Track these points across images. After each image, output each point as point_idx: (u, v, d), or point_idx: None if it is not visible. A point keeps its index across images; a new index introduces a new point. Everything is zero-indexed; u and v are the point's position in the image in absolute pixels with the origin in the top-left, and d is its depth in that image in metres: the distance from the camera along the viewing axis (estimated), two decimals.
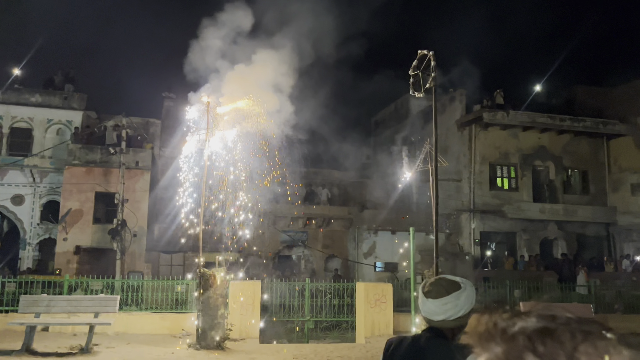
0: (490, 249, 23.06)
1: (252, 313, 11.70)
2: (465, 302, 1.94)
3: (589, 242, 23.91)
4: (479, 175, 23.00)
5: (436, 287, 1.99)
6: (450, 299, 1.93)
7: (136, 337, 10.92)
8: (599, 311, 14.08)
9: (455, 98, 24.01)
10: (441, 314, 1.94)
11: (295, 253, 23.34)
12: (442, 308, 1.94)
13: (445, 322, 1.94)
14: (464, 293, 1.95)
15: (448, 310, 1.93)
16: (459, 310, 1.92)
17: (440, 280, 2.02)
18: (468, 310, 1.93)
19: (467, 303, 1.94)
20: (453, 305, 1.93)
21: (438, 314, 1.95)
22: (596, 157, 24.58)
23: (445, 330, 1.96)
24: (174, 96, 23.33)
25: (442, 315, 1.94)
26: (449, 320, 1.93)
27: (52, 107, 21.87)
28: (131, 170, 19.78)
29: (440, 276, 2.07)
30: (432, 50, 6.72)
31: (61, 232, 19.69)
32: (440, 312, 1.94)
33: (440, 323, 1.95)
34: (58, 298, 10.42)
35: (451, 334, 1.95)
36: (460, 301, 1.93)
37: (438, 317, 1.95)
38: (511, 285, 14.43)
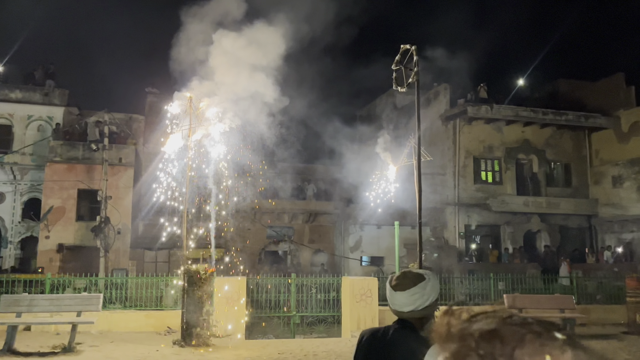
0: (475, 242, 23.28)
1: (237, 309, 11.66)
2: (431, 292, 2.06)
3: (572, 234, 24.26)
4: (463, 169, 23.16)
5: (403, 280, 2.10)
6: (417, 290, 2.04)
7: (120, 335, 10.83)
8: (581, 302, 14.32)
9: (440, 92, 24.12)
10: (410, 304, 2.05)
11: (281, 248, 23.33)
12: (410, 299, 2.04)
13: (413, 312, 2.05)
14: (429, 283, 2.07)
15: (416, 301, 2.04)
16: (426, 300, 2.05)
17: (405, 273, 2.14)
18: (434, 299, 2.07)
19: (432, 293, 2.06)
20: (420, 296, 2.04)
21: (407, 305, 2.05)
22: (578, 150, 24.91)
23: (413, 321, 2.07)
24: (157, 91, 23.08)
25: (410, 306, 2.05)
26: (417, 311, 2.05)
27: (33, 103, 21.50)
28: (114, 166, 19.55)
29: (405, 270, 2.19)
30: (414, 45, 6.73)
31: (43, 230, 19.41)
32: (409, 303, 2.05)
33: (409, 314, 2.06)
34: (40, 297, 10.27)
35: (419, 325, 2.07)
36: (427, 291, 2.05)
37: (407, 308, 2.05)
38: (495, 277, 14.57)
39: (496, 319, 0.68)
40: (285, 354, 9.41)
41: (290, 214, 22.73)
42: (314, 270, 21.14)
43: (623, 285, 13.26)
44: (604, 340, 11.16)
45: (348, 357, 9.17)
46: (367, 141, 27.10)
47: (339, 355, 9.30)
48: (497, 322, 0.67)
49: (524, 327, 0.66)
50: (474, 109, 22.71)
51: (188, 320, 9.87)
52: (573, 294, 13.67)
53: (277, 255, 23.47)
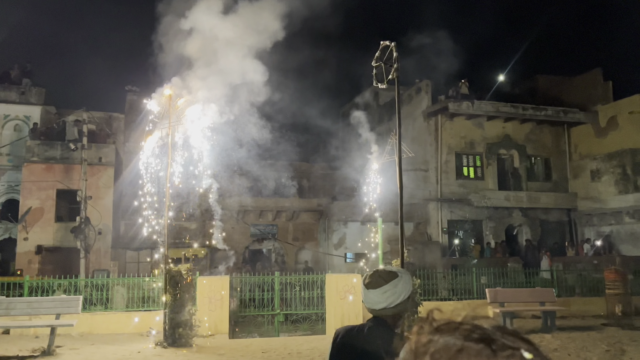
0: (457, 237, 23.48)
1: (220, 308, 11.59)
2: (403, 289, 2.08)
3: (552, 227, 24.61)
4: (445, 165, 23.32)
5: (375, 278, 2.12)
6: (389, 287, 2.07)
7: (101, 337, 10.68)
8: (562, 294, 14.52)
9: (421, 89, 24.24)
10: (382, 302, 2.07)
11: (265, 246, 23.26)
12: (382, 296, 2.07)
13: (386, 309, 2.07)
14: (401, 281, 2.09)
15: (388, 298, 2.06)
16: (398, 297, 2.06)
17: (377, 271, 2.15)
18: (406, 296, 2.09)
19: (404, 290, 2.08)
20: (392, 293, 2.06)
21: (379, 302, 2.07)
22: (558, 145, 25.26)
23: (387, 319, 2.10)
24: (137, 89, 22.78)
25: (383, 304, 2.07)
26: (389, 308, 2.07)
27: (9, 103, 21.07)
28: (94, 166, 19.26)
29: (378, 268, 2.19)
30: (394, 42, 6.72)
31: (21, 232, 19.05)
32: (381, 300, 2.07)
33: (382, 311, 2.08)
34: (17, 300, 10.08)
35: (393, 322, 2.10)
36: (398, 288, 2.07)
37: (379, 306, 2.08)
38: (477, 272, 14.71)
39: (461, 334, 0.66)
40: (269, 352, 9.38)
41: (274, 211, 22.65)
42: (298, 268, 21.11)
43: (602, 278, 13.48)
44: (583, 332, 11.34)
45: None
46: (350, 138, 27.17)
47: (323, 352, 9.29)
48: (462, 338, 0.65)
49: (489, 345, 0.64)
50: (455, 105, 22.87)
51: (171, 321, 9.77)
52: (554, 287, 13.86)
53: (261, 253, 23.40)
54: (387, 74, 6.82)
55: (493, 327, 0.69)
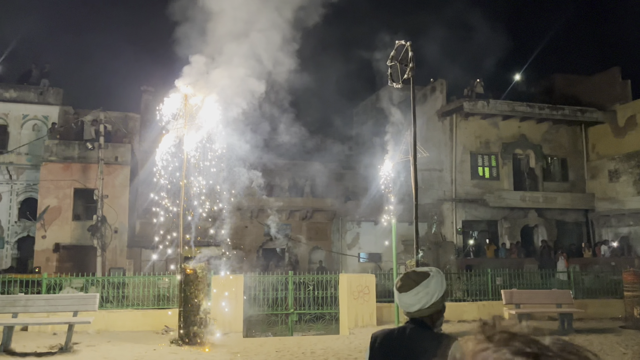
0: (472, 237, 23.30)
1: (235, 307, 11.64)
2: (435, 288, 2.07)
3: (568, 228, 24.30)
4: (460, 165, 23.16)
5: (406, 281, 2.12)
6: (421, 289, 2.07)
7: (117, 335, 10.79)
8: (579, 296, 14.34)
9: (436, 88, 24.10)
10: (416, 303, 2.07)
11: (278, 245, 23.31)
12: (415, 298, 2.07)
13: (421, 311, 2.07)
14: (432, 280, 2.08)
15: (421, 299, 2.06)
16: (431, 297, 2.06)
17: (408, 274, 2.15)
18: (440, 295, 2.08)
19: (437, 289, 2.08)
20: (424, 294, 2.06)
21: (413, 304, 2.08)
22: (575, 145, 24.94)
23: (425, 319, 2.09)
24: (152, 89, 22.98)
25: (417, 305, 2.07)
26: (424, 309, 2.07)
27: (28, 103, 21.40)
28: (110, 165, 19.48)
29: (409, 270, 2.19)
30: (409, 41, 6.69)
31: (40, 230, 19.34)
32: (415, 302, 2.07)
33: (418, 313, 2.08)
34: (36, 297, 10.23)
35: (431, 321, 2.10)
36: (430, 288, 2.07)
37: (414, 308, 2.08)
38: (493, 273, 14.57)
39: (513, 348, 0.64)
40: (283, 351, 9.40)
41: (288, 211, 22.70)
42: (312, 268, 21.14)
43: (620, 280, 13.28)
44: (601, 334, 11.19)
45: (345, 354, 9.17)
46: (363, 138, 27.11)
47: (337, 352, 9.29)
48: (513, 353, 0.64)
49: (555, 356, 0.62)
50: (470, 105, 22.70)
51: (185, 319, 9.84)
52: (570, 289, 13.69)
53: (274, 252, 23.46)
54: (402, 74, 6.79)
55: (553, 341, 0.67)
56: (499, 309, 13.23)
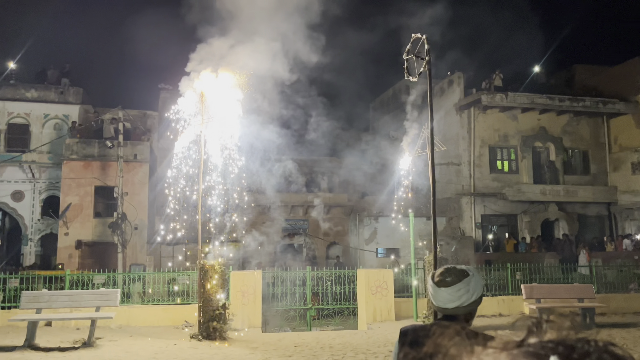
0: (491, 231, 23.06)
1: (253, 303, 11.73)
2: (476, 288, 2.05)
3: (590, 222, 23.90)
4: (478, 159, 22.92)
5: (447, 276, 2.08)
6: (462, 285, 2.03)
7: (138, 330, 10.96)
8: (601, 291, 14.11)
9: (453, 81, 23.85)
10: (455, 300, 2.03)
11: (296, 241, 23.37)
12: (456, 295, 2.03)
13: (459, 308, 2.04)
14: (473, 279, 2.06)
15: (462, 297, 2.03)
16: (471, 296, 2.03)
17: (449, 269, 2.11)
18: (479, 295, 2.06)
19: (477, 288, 2.05)
20: (465, 291, 2.03)
21: (452, 301, 2.04)
22: (596, 137, 24.48)
23: (459, 318, 2.06)
24: (170, 87, 23.15)
25: (456, 302, 2.03)
26: (462, 307, 2.03)
27: (48, 102, 21.79)
28: (129, 163, 19.74)
29: (448, 266, 2.14)
30: (425, 34, 6.63)
31: (62, 227, 19.71)
32: (455, 298, 2.03)
33: (454, 310, 2.04)
34: (59, 293, 10.42)
35: (465, 321, 2.07)
36: (471, 287, 2.04)
37: (452, 305, 2.04)
38: (512, 267, 14.41)
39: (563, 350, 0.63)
40: (302, 346, 9.43)
41: (305, 206, 22.74)
42: (329, 263, 21.16)
43: None
44: (623, 329, 11.00)
45: (364, 348, 9.16)
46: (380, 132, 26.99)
47: (355, 347, 9.30)
48: None
49: None
50: (488, 98, 22.42)
51: (205, 314, 9.94)
52: (592, 283, 13.47)
53: (292, 248, 23.53)
54: (419, 67, 6.73)
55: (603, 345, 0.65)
56: (519, 303, 13.10)
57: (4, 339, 9.78)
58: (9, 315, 10.90)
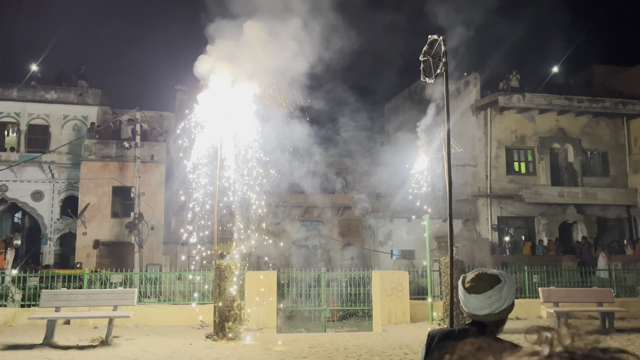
0: (508, 234, 22.83)
1: (268, 303, 11.76)
2: (508, 295, 1.99)
3: (610, 225, 23.52)
4: (495, 160, 22.71)
5: (478, 282, 2.02)
6: (494, 293, 1.98)
7: (155, 329, 11.07)
8: (621, 295, 13.88)
9: (470, 82, 23.67)
10: (486, 307, 1.99)
11: (311, 242, 23.39)
12: (487, 302, 1.98)
13: (490, 315, 1.99)
14: (505, 286, 2.00)
15: (493, 304, 1.98)
16: (503, 303, 1.98)
17: (481, 275, 2.05)
18: (510, 302, 2.00)
19: (509, 295, 2.00)
20: (497, 299, 1.98)
21: (483, 308, 1.99)
22: (616, 138, 24.09)
23: (489, 324, 2.01)
24: (186, 88, 23.38)
25: (487, 309, 1.98)
26: (494, 314, 1.99)
27: (68, 103, 22.12)
28: (146, 163, 19.96)
29: (480, 270, 2.08)
30: (442, 35, 6.60)
31: (80, 227, 19.99)
32: (486, 306, 1.99)
33: (485, 317, 2.00)
34: (78, 292, 10.58)
35: (494, 327, 2.02)
36: (503, 294, 1.99)
37: (484, 312, 1.99)
38: (529, 270, 14.24)
39: None
40: (316, 347, 9.44)
41: (320, 207, 22.75)
42: (344, 265, 21.13)
43: None
44: None
45: (379, 350, 9.13)
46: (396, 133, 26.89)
47: (370, 349, 9.27)
48: None
49: None
50: (505, 99, 22.21)
51: (220, 314, 10.00)
52: (612, 287, 13.26)
53: (307, 249, 23.56)
54: (435, 68, 6.70)
55: None
56: (536, 307, 12.95)
57: (24, 337, 9.94)
58: (28, 313, 11.07)
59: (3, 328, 11.08)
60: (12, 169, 20.86)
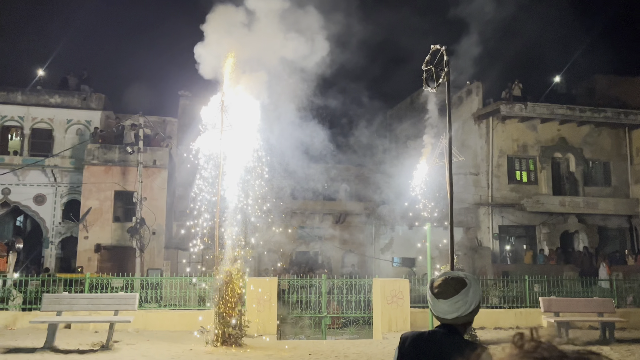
0: (509, 243, 22.81)
1: (269, 309, 11.77)
2: (474, 298, 2.07)
3: (611, 234, 23.50)
4: (497, 169, 22.74)
5: (445, 287, 2.10)
6: (460, 297, 2.05)
7: (155, 334, 11.07)
8: (621, 305, 13.86)
9: (472, 91, 23.75)
10: (454, 312, 2.06)
11: (312, 249, 23.40)
12: (454, 307, 2.05)
13: (458, 319, 2.07)
14: (471, 289, 2.07)
15: (459, 308, 2.05)
16: (470, 306, 2.06)
17: (447, 280, 2.12)
18: (477, 305, 2.08)
19: (475, 298, 2.07)
20: (463, 303, 2.05)
21: (451, 312, 2.06)
22: (618, 148, 24.12)
23: (457, 327, 2.09)
24: (189, 94, 23.51)
25: (454, 313, 2.06)
26: (461, 317, 2.06)
27: (71, 108, 22.23)
28: (149, 168, 20.02)
29: (446, 275, 2.15)
30: (444, 45, 6.65)
31: (82, 231, 20.03)
32: (453, 310, 2.06)
33: (454, 320, 2.07)
34: (79, 296, 10.60)
35: (463, 328, 2.10)
36: (469, 298, 2.06)
37: (451, 316, 2.07)
38: (530, 279, 14.22)
39: None
40: (317, 354, 9.44)
41: (321, 214, 22.77)
42: (345, 272, 21.13)
43: None
44: None
45: (379, 358, 9.14)
46: (398, 141, 26.94)
47: (370, 357, 9.27)
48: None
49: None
50: (507, 108, 22.27)
51: (221, 320, 10.00)
52: (613, 297, 13.24)
53: (307, 255, 23.56)
54: (438, 78, 6.76)
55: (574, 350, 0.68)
56: (537, 316, 12.93)
57: (25, 340, 9.96)
58: (29, 316, 11.10)
59: (4, 331, 11.10)
60: (15, 173, 20.95)
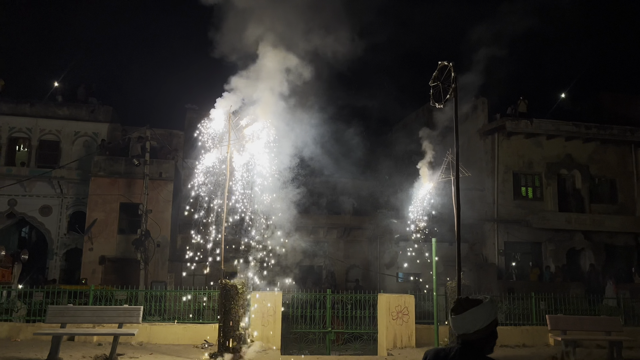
0: (515, 259, 22.66)
1: (273, 324, 11.70)
2: (482, 317, 2.22)
3: (618, 252, 23.31)
4: (502, 185, 22.69)
5: (458, 304, 2.30)
6: (467, 315, 2.22)
7: (159, 347, 11.01)
8: (629, 324, 13.69)
9: (478, 107, 23.80)
10: (461, 327, 2.24)
11: (316, 263, 23.32)
12: (461, 322, 2.24)
13: (466, 335, 2.22)
14: (482, 308, 2.23)
15: (466, 324, 2.22)
16: (476, 324, 2.21)
17: (461, 299, 2.32)
18: (486, 324, 2.22)
19: (483, 318, 2.22)
20: (470, 320, 2.21)
21: (459, 327, 2.25)
22: (624, 165, 24.04)
23: (474, 342, 2.24)
24: (196, 107, 23.68)
25: (462, 329, 2.23)
26: (469, 334, 2.22)
27: (79, 120, 22.43)
28: (155, 181, 20.09)
29: (462, 297, 2.33)
30: (452, 62, 6.70)
31: (87, 242, 20.06)
32: (460, 325, 2.24)
33: (463, 336, 2.24)
34: (84, 308, 10.57)
35: (479, 345, 2.24)
36: (477, 315, 2.22)
37: (460, 331, 2.25)
38: (537, 297, 14.10)
39: None
40: None
41: (325, 228, 22.73)
42: (349, 286, 21.01)
43: None
44: None
45: None
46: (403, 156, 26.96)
47: None
48: None
49: None
50: (512, 124, 22.30)
51: (225, 334, 9.95)
52: (620, 316, 13.09)
53: (312, 269, 23.46)
54: (445, 94, 6.79)
55: None
56: (543, 334, 12.79)
57: (28, 352, 9.92)
58: (33, 328, 11.07)
59: (8, 343, 11.06)
60: (22, 184, 21.07)
